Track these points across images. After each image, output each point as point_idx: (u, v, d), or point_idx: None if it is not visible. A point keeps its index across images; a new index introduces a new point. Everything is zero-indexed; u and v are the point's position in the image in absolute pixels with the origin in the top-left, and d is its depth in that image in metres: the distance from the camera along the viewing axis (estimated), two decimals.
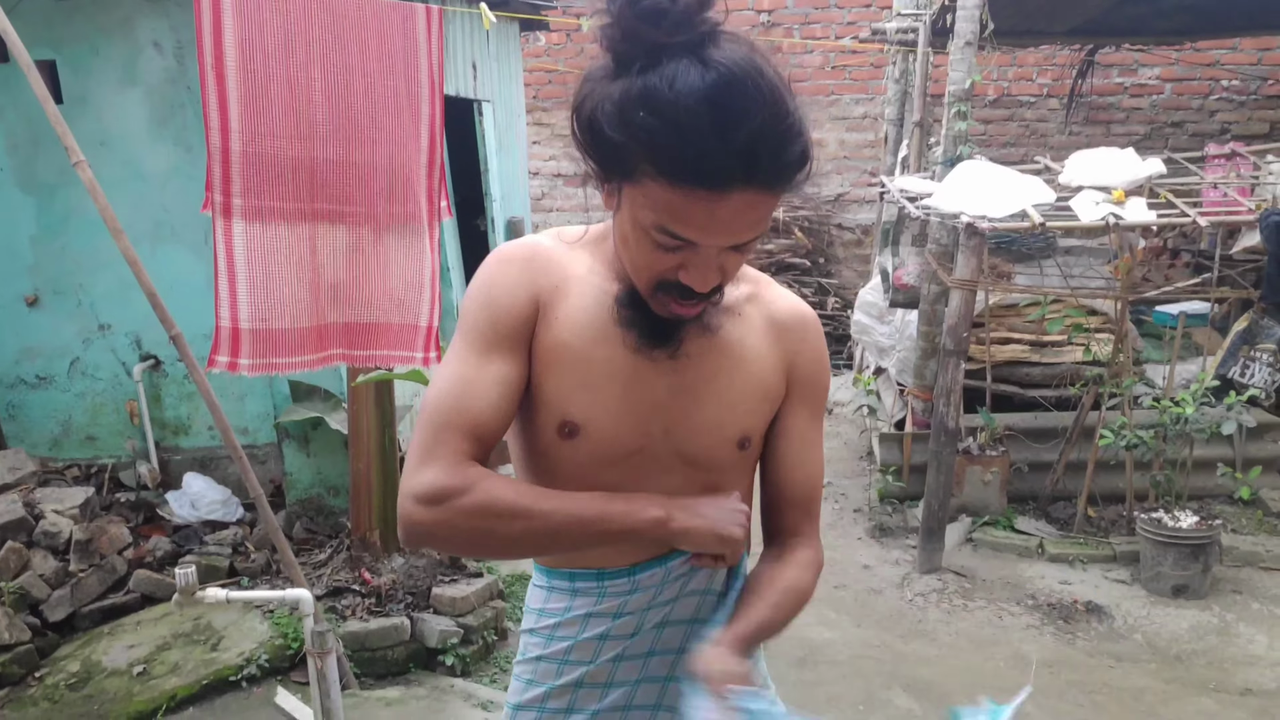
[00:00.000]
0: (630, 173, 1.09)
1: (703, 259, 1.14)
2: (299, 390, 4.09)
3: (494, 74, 6.10)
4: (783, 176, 1.09)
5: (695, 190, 1.05)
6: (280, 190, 2.81)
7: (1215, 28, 7.05)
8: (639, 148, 1.05)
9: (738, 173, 1.04)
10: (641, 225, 1.13)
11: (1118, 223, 4.25)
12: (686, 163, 1.03)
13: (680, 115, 1.01)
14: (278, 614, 3.60)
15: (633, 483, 1.29)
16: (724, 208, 1.06)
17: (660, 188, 1.07)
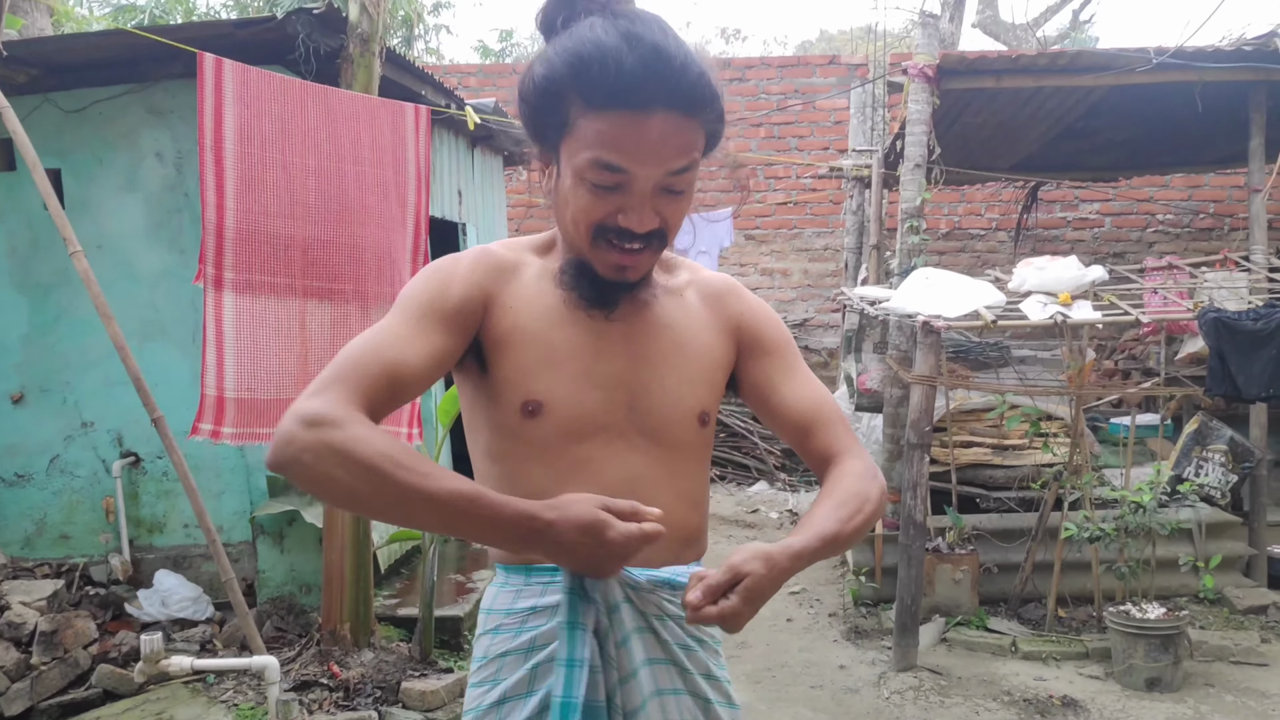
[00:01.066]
0: (564, 121, 1.21)
1: (638, 197, 1.22)
2: (276, 485, 4.13)
3: (478, 201, 6.42)
4: (693, 96, 1.19)
5: (620, 112, 1.17)
6: (271, 266, 2.97)
7: (1146, 165, 7.61)
8: (570, 82, 1.18)
9: (653, 89, 1.16)
10: (579, 172, 1.21)
11: (1065, 320, 4.49)
12: (607, 83, 1.15)
13: (605, 44, 1.16)
14: (242, 707, 3.52)
15: (599, 461, 1.32)
16: (648, 128, 1.17)
17: (589, 121, 1.18)
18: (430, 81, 5.17)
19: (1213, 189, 8.68)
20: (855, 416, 5.72)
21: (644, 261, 1.30)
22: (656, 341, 1.38)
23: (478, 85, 9.14)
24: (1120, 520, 4.50)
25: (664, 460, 1.38)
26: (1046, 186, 8.26)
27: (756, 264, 9.13)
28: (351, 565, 3.74)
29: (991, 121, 6.17)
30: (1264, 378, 4.54)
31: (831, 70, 8.96)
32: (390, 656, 3.78)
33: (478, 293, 1.32)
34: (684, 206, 1.28)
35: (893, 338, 5.04)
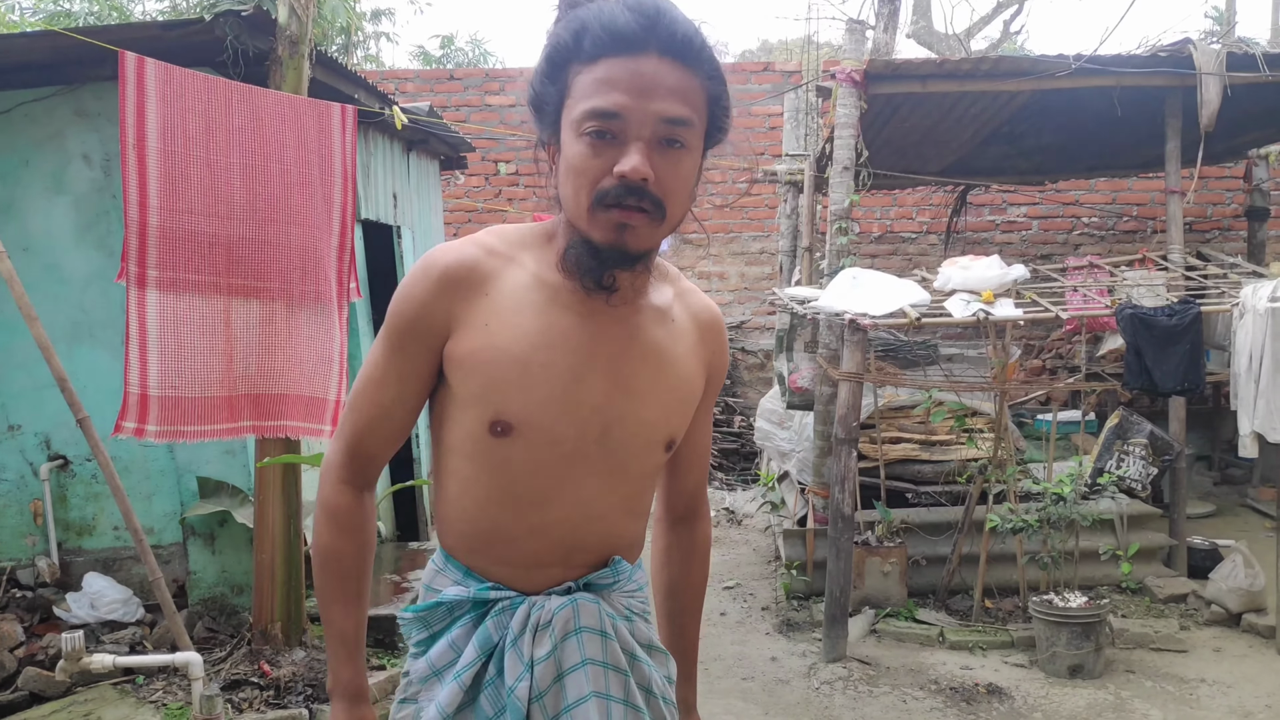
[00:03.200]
0: (564, 85, 1.25)
1: (634, 142, 1.21)
2: (207, 486, 4.12)
3: (414, 204, 6.43)
4: (688, 45, 1.22)
5: (613, 57, 1.20)
6: (195, 264, 2.98)
7: (1071, 168, 7.85)
8: (571, 42, 1.23)
9: (646, 34, 1.20)
10: (576, 127, 1.23)
11: (988, 317, 4.63)
12: (603, 32, 1.20)
13: (598, 8, 1.23)
14: (170, 706, 3.50)
15: (557, 488, 1.34)
16: (642, 69, 1.20)
17: (587, 72, 1.22)
18: (363, 84, 5.18)
19: (1135, 192, 8.98)
20: (787, 415, 5.83)
21: (643, 225, 1.24)
22: (642, 365, 1.37)
23: (415, 90, 9.15)
24: (1043, 512, 4.65)
25: (622, 485, 1.41)
26: (975, 190, 8.49)
27: (694, 267, 9.24)
28: (283, 564, 3.74)
29: (920, 126, 6.33)
30: (1178, 372, 4.72)
31: (766, 77, 9.11)
32: (322, 655, 3.78)
33: (439, 315, 1.32)
34: (684, 172, 1.26)
35: (823, 337, 5.15)
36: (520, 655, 1.34)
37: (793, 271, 7.05)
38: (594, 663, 1.37)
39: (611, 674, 1.38)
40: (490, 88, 9.45)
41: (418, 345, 1.32)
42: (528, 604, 1.36)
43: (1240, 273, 5.52)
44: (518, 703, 1.32)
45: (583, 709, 1.34)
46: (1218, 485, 7.64)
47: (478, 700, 1.35)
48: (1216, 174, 8.69)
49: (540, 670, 1.34)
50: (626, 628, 1.43)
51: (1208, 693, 4.21)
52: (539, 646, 1.34)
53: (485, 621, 1.36)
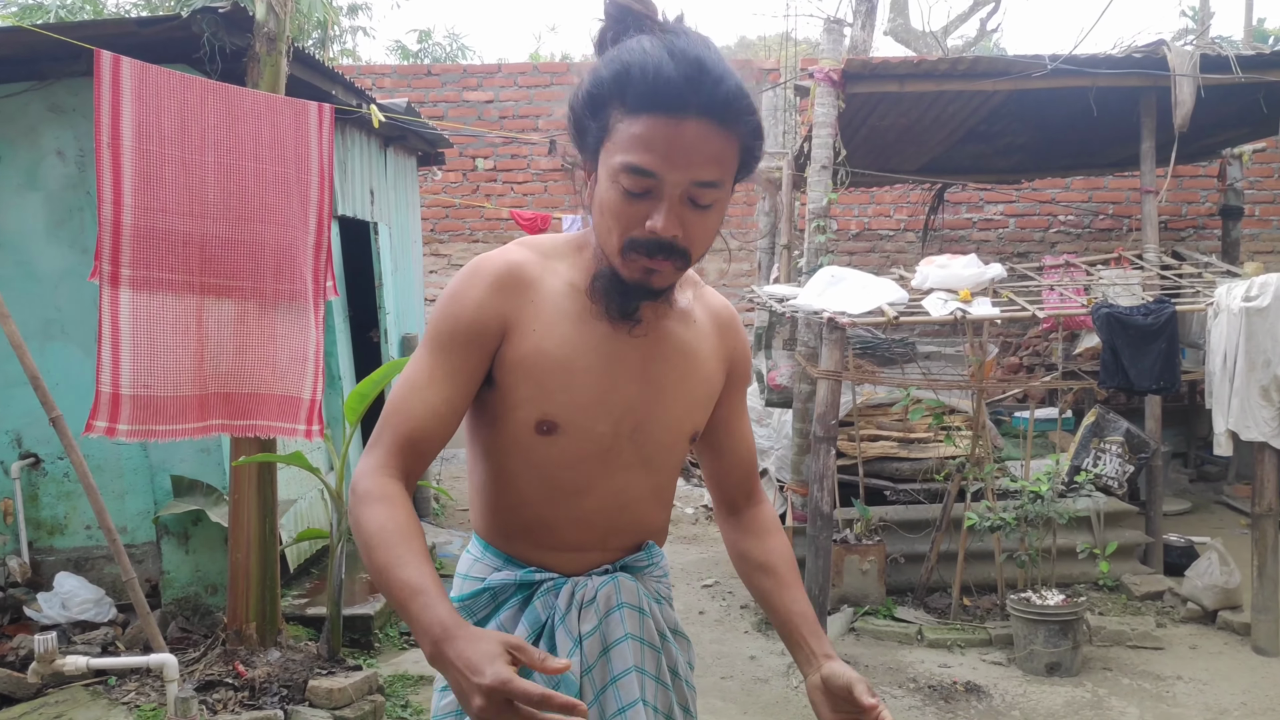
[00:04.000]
0: (605, 126, 1.27)
1: (666, 202, 1.25)
2: (181, 485, 4.07)
3: (391, 201, 6.40)
4: (730, 108, 1.24)
5: (655, 116, 1.22)
6: (169, 262, 2.94)
7: (1047, 167, 7.90)
8: (614, 87, 1.25)
9: (689, 96, 1.21)
10: (613, 176, 1.26)
11: (965, 316, 4.65)
12: (646, 88, 1.22)
13: (651, 52, 1.23)
14: (144, 707, 3.46)
15: (593, 481, 1.43)
16: (683, 134, 1.22)
17: (628, 124, 1.24)
18: (340, 81, 5.14)
19: (1111, 191, 9.05)
20: (766, 412, 5.84)
21: (668, 273, 1.31)
22: (668, 366, 1.45)
23: (392, 86, 9.10)
24: (1021, 510, 4.67)
25: (651, 475, 1.49)
26: (953, 188, 8.53)
27: None
28: (257, 564, 3.71)
29: (897, 125, 6.35)
30: (1154, 370, 4.75)
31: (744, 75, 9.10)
32: (297, 655, 3.75)
33: (494, 319, 1.36)
34: (710, 225, 1.32)
35: (801, 334, 5.16)
36: (569, 631, 1.42)
37: (771, 269, 7.06)
38: (634, 638, 1.46)
39: (647, 650, 1.48)
40: (468, 83, 9.40)
41: (472, 347, 1.36)
42: (571, 583, 1.45)
43: (1215, 272, 5.57)
44: (570, 676, 1.39)
45: (626, 681, 1.43)
46: (1193, 483, 7.72)
47: (530, 677, 1.34)
48: (1191, 173, 8.78)
49: (589, 644, 1.43)
50: (658, 609, 1.53)
51: (1184, 690, 4.25)
52: (585, 622, 1.43)
53: (533, 602, 1.44)
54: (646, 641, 1.48)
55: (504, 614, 1.45)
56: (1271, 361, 4.43)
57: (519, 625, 1.44)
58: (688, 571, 5.91)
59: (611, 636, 1.45)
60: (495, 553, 1.49)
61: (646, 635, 1.48)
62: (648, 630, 1.49)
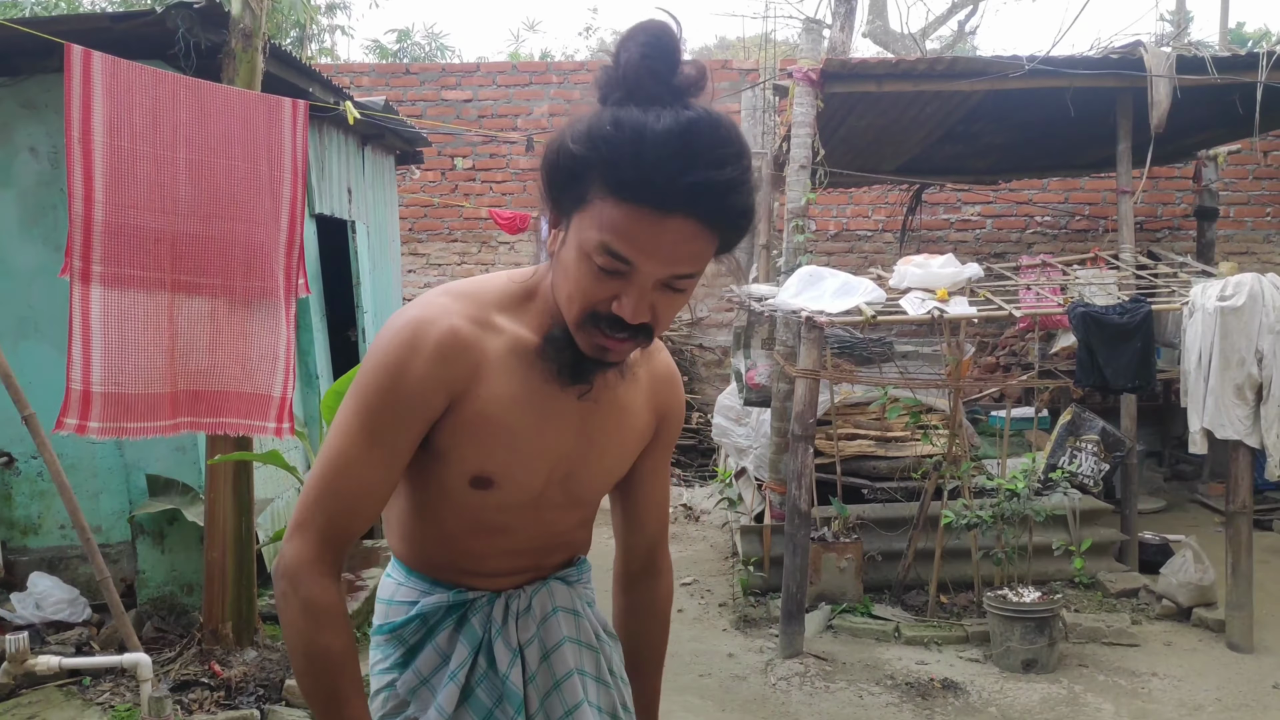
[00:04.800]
0: (583, 196, 1.16)
1: (638, 289, 1.18)
2: (156, 484, 4.04)
3: (369, 199, 6.37)
4: (726, 217, 1.16)
5: (642, 209, 1.12)
6: (140, 259, 2.92)
7: (1024, 168, 7.96)
8: (598, 162, 1.13)
9: (685, 199, 1.11)
10: (585, 249, 1.17)
11: (942, 315, 4.68)
12: (640, 179, 1.11)
13: (647, 136, 1.10)
14: (118, 708, 3.43)
15: (523, 521, 1.42)
16: (666, 232, 1.13)
17: (610, 206, 1.14)
18: (317, 78, 5.12)
19: (1087, 192, 9.13)
20: (744, 411, 5.85)
21: (626, 350, 1.28)
22: (605, 420, 1.42)
23: (370, 84, 9.06)
24: (997, 508, 4.70)
25: (579, 510, 1.52)
26: (930, 189, 8.57)
27: None
28: (234, 563, 3.69)
29: (876, 125, 6.38)
30: (1129, 369, 4.79)
31: (724, 75, 9.14)
32: (274, 655, 3.73)
33: (438, 394, 1.29)
34: (679, 305, 1.26)
35: (779, 334, 5.17)
36: (508, 642, 1.43)
37: (750, 269, 7.08)
38: (571, 640, 1.48)
39: (585, 651, 1.50)
40: (447, 82, 9.38)
41: (412, 423, 1.29)
42: (504, 596, 1.45)
43: (1190, 272, 5.62)
44: (514, 688, 1.41)
45: (570, 683, 1.45)
46: (1168, 481, 7.79)
47: (474, 695, 1.41)
48: (1167, 174, 8.86)
49: (529, 653, 1.44)
50: (589, 611, 1.55)
51: (1159, 686, 4.29)
52: (524, 631, 1.45)
53: (469, 620, 1.43)
54: (584, 643, 1.50)
55: (439, 637, 1.43)
56: (1246, 360, 4.47)
57: (457, 645, 1.42)
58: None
59: (550, 641, 1.46)
60: (420, 577, 1.46)
61: (584, 637, 1.50)
62: (584, 632, 1.51)
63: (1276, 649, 4.64)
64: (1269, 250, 9.16)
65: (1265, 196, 9.26)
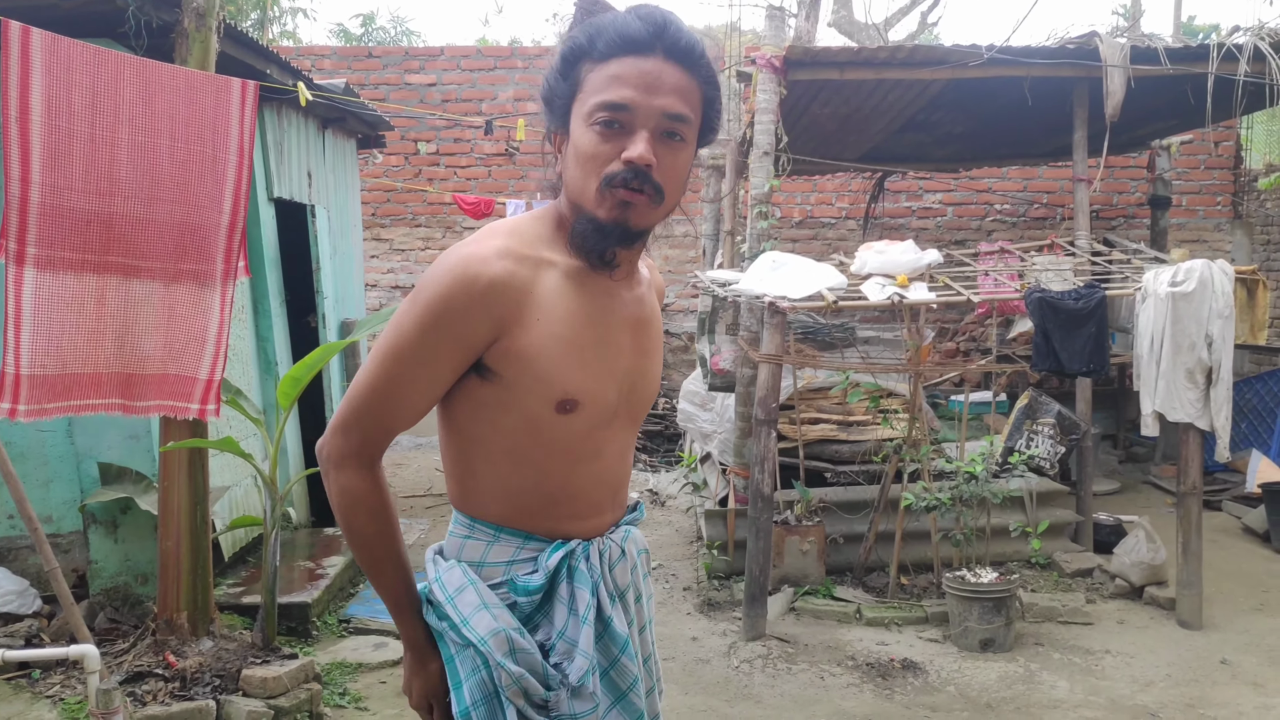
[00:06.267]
0: (576, 82, 1.41)
1: (639, 132, 1.37)
2: (109, 472, 3.96)
3: (329, 183, 6.28)
4: (691, 53, 1.39)
5: (625, 56, 1.37)
6: (76, 242, 2.85)
7: (984, 157, 8.03)
8: (585, 41, 1.39)
9: (654, 39, 1.37)
10: (587, 118, 1.38)
11: (902, 300, 4.71)
12: (616, 34, 1.37)
13: (612, 15, 1.41)
14: (68, 701, 3.37)
15: (605, 444, 1.55)
16: (648, 66, 1.36)
17: (598, 71, 1.38)
18: (275, 60, 5.03)
19: (1046, 180, 9.25)
20: (709, 396, 5.86)
21: (644, 205, 1.39)
22: (647, 330, 1.59)
23: (332, 68, 8.94)
24: (956, 490, 4.76)
25: (635, 429, 1.66)
26: (893, 177, 8.63)
27: None
28: (188, 551, 3.62)
29: (839, 113, 6.40)
30: (1084, 353, 4.86)
31: None
32: (231, 644, 3.68)
33: (486, 326, 1.39)
34: (680, 162, 1.42)
35: (743, 319, 5.18)
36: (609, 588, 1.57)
37: (715, 255, 7.08)
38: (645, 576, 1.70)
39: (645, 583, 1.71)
40: (410, 66, 9.27)
41: (459, 352, 1.41)
42: (596, 543, 1.57)
43: (1143, 258, 5.71)
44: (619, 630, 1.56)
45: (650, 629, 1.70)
46: (1122, 464, 7.92)
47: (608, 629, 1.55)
48: (1122, 164, 8.99)
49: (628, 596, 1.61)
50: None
51: (1112, 663, 4.37)
52: (621, 577, 1.60)
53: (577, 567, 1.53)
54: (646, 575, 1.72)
55: (560, 588, 1.53)
56: (1196, 345, 4.55)
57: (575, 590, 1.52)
58: None
59: (642, 586, 1.67)
60: (513, 533, 1.53)
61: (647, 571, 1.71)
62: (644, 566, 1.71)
63: (1225, 626, 4.74)
64: (1219, 238, 9.34)
65: (1216, 186, 9.43)
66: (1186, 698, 4.02)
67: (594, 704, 1.50)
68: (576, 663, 1.50)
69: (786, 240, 8.53)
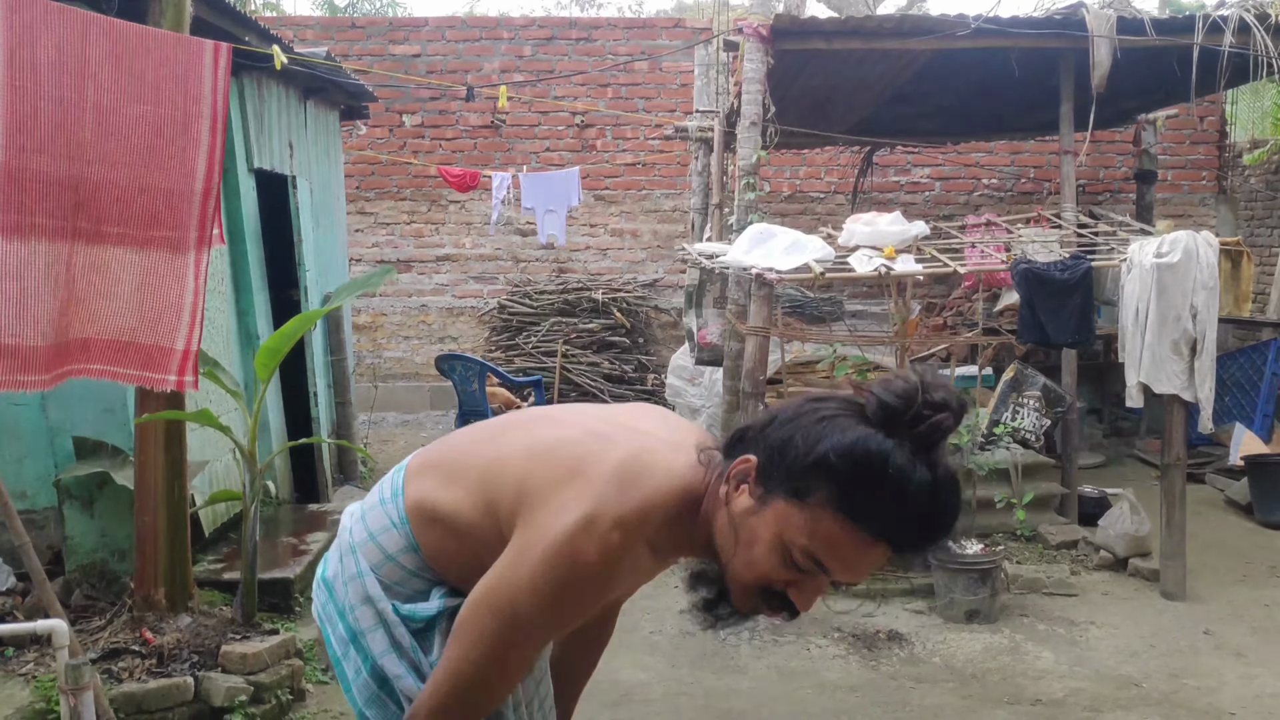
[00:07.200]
0: (806, 492, 1.23)
1: (818, 587, 1.30)
2: (84, 447, 3.90)
3: (311, 155, 6.20)
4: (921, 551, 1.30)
5: (862, 535, 1.22)
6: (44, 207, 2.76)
7: (972, 131, 8.00)
8: (846, 480, 1.21)
9: (910, 543, 1.25)
10: (785, 541, 1.25)
11: (889, 272, 4.68)
12: (877, 518, 1.21)
13: (906, 487, 1.19)
14: (42, 678, 3.32)
15: None
16: (870, 555, 1.25)
17: (830, 518, 1.22)
18: (253, 26, 4.93)
19: (1033, 155, 9.23)
20: (697, 371, 5.83)
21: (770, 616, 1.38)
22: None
23: (315, 38, 8.81)
24: None
25: None
26: (881, 151, 8.59)
27: (606, 224, 9.18)
28: (166, 526, 3.56)
29: (826, 85, 6.35)
30: (1070, 325, 4.85)
31: (677, 33, 9.06)
32: (210, 621, 3.63)
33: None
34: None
35: (731, 292, 5.15)
36: None
37: (704, 229, 7.04)
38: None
39: None
40: (395, 37, 9.15)
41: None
42: None
43: (1129, 230, 5.69)
44: None
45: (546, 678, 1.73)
46: (1108, 437, 7.95)
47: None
48: (1108, 138, 8.97)
49: None
50: None
51: (1096, 634, 4.38)
52: None
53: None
54: None
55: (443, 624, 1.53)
56: (1181, 316, 4.54)
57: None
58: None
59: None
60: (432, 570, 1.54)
61: None
62: None
63: (1208, 597, 4.76)
64: (1204, 213, 9.34)
65: (1201, 161, 9.44)
66: (1170, 668, 4.04)
67: None
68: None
69: (775, 214, 8.47)
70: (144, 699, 3.27)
